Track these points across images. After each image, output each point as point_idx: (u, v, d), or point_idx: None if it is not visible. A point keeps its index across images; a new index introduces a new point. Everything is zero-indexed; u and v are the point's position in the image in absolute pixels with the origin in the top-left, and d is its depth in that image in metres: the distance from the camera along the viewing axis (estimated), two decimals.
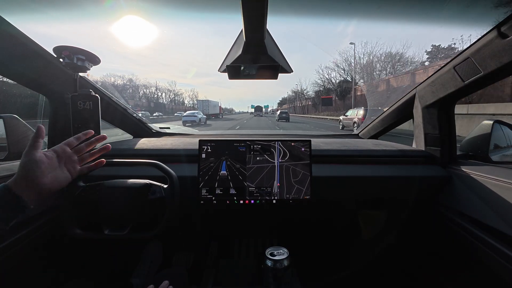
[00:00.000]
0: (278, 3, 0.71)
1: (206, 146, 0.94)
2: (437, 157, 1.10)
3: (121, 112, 1.33)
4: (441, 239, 1.07)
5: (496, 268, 0.78)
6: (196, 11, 0.89)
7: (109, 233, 0.80)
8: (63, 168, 0.60)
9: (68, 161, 0.61)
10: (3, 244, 0.74)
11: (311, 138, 1.04)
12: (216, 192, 0.93)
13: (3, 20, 0.75)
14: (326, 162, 1.08)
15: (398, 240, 1.27)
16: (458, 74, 0.90)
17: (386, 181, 1.06)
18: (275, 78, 0.89)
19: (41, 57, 0.88)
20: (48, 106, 1.05)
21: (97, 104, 0.98)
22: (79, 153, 0.63)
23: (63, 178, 0.59)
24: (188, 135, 1.62)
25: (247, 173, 0.94)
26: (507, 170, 0.90)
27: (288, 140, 0.97)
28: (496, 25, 0.74)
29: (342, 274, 1.26)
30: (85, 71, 0.96)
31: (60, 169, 0.59)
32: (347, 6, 0.82)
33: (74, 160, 0.63)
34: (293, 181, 0.94)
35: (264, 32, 0.67)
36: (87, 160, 0.66)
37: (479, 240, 0.84)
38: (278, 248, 0.85)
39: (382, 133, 1.51)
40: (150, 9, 0.92)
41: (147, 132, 1.55)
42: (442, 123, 1.07)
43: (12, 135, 0.98)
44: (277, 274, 0.80)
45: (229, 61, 0.81)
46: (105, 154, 1.13)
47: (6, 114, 0.99)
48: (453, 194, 0.99)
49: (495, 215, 0.81)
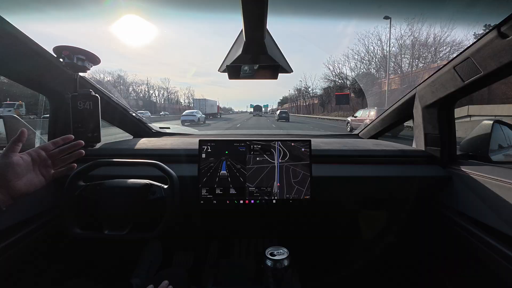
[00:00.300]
0: (278, 3, 0.72)
1: (206, 146, 0.94)
2: (437, 157, 1.10)
3: (121, 112, 1.33)
4: (441, 239, 1.07)
5: (496, 268, 0.78)
6: (196, 11, 0.89)
7: (109, 233, 0.80)
8: (37, 172, 0.61)
9: (42, 165, 0.62)
10: (3, 244, 0.75)
11: (311, 138, 1.04)
12: (216, 192, 0.93)
13: (3, 20, 0.75)
14: (326, 162, 1.08)
15: (398, 240, 1.27)
16: (458, 74, 0.90)
17: (386, 181, 1.06)
18: (275, 78, 0.89)
19: (41, 57, 0.88)
20: (49, 106, 1.05)
21: (97, 104, 0.98)
22: (53, 158, 0.64)
23: (37, 181, 0.60)
24: (188, 135, 1.62)
25: (247, 173, 0.94)
26: (507, 170, 0.90)
27: (288, 140, 0.97)
28: (496, 25, 0.74)
29: (342, 274, 1.26)
30: (85, 71, 0.96)
31: (34, 172, 0.60)
32: (348, 6, 0.82)
33: (48, 165, 0.63)
34: (293, 181, 0.94)
35: (264, 32, 0.67)
36: (59, 165, 0.66)
37: (479, 240, 0.84)
38: (278, 248, 0.85)
39: (382, 133, 1.51)
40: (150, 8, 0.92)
41: (147, 132, 1.55)
42: (442, 123, 1.07)
43: (12, 135, 0.98)
44: (277, 274, 0.80)
45: (229, 61, 0.81)
46: (105, 154, 1.13)
47: (6, 114, 0.99)
48: (453, 194, 0.99)
49: (495, 215, 0.81)
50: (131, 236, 0.79)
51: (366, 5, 0.84)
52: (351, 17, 0.87)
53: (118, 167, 0.96)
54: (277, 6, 0.69)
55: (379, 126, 1.47)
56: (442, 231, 1.05)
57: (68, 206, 0.79)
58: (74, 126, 0.97)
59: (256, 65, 0.82)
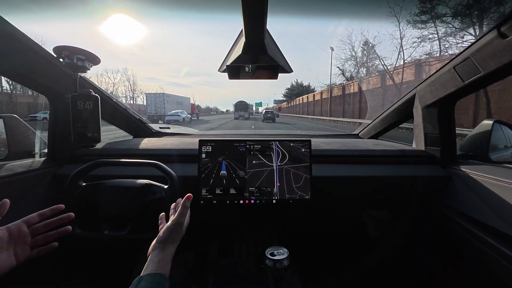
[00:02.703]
0: (278, 3, 0.72)
1: (206, 146, 0.94)
2: (437, 157, 1.10)
3: (121, 112, 1.33)
4: (441, 238, 1.07)
5: (496, 268, 0.78)
6: (195, 12, 0.89)
7: (109, 233, 0.80)
8: (10, 252, 0.50)
9: (20, 242, 0.51)
10: None
11: (311, 138, 1.04)
12: (216, 192, 0.93)
13: (3, 20, 0.75)
14: (326, 162, 1.08)
15: (398, 239, 1.27)
16: (458, 74, 0.90)
17: (386, 181, 1.06)
18: (275, 78, 0.89)
19: (41, 57, 0.88)
20: (48, 106, 1.05)
21: (97, 104, 0.98)
22: (35, 233, 0.54)
23: (6, 263, 0.49)
24: (188, 135, 1.62)
25: (247, 173, 0.94)
26: (507, 170, 0.90)
27: (287, 140, 0.96)
28: (496, 25, 0.74)
29: (342, 274, 1.26)
30: (85, 71, 0.96)
31: (7, 252, 0.49)
32: (348, 6, 0.82)
33: (27, 242, 0.53)
34: (293, 182, 0.94)
35: (264, 32, 0.67)
36: (40, 243, 0.55)
37: (479, 240, 0.84)
38: (278, 248, 0.85)
39: (382, 133, 1.51)
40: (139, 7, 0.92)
41: (147, 132, 1.55)
42: (442, 123, 1.07)
43: (12, 135, 0.98)
44: (277, 274, 0.80)
45: (229, 61, 0.81)
46: (105, 154, 1.13)
47: (6, 114, 0.99)
48: (453, 194, 0.99)
49: (495, 215, 0.81)
50: (130, 236, 0.79)
51: (366, 5, 0.84)
52: (351, 17, 0.87)
53: (118, 167, 0.96)
54: (277, 6, 0.69)
55: (379, 126, 1.47)
56: (442, 231, 1.05)
57: (68, 206, 0.79)
58: (74, 126, 0.97)
59: (256, 65, 0.82)
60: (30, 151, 1.06)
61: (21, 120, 1.03)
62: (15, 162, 0.97)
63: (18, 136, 1.01)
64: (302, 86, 52.95)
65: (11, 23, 0.76)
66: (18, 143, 1.00)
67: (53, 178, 1.01)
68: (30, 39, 0.82)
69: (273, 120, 23.57)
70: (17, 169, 0.91)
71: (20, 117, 1.02)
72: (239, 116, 30.28)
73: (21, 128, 1.03)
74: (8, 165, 0.93)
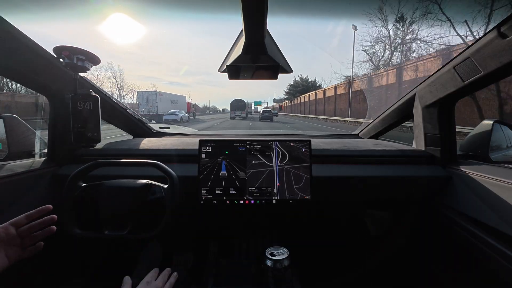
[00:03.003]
0: (278, 3, 0.72)
1: (206, 146, 0.94)
2: (437, 157, 1.10)
3: (121, 112, 1.33)
4: (441, 238, 1.07)
5: (496, 268, 0.78)
6: (195, 12, 0.89)
7: (109, 233, 0.80)
8: (1, 253, 0.53)
9: (9, 244, 0.54)
10: None
11: (311, 138, 1.04)
12: (216, 192, 0.93)
13: (3, 20, 0.75)
14: (326, 162, 1.08)
15: (398, 239, 1.27)
16: (458, 74, 0.90)
17: (386, 181, 1.06)
18: (275, 78, 0.89)
19: (41, 57, 0.88)
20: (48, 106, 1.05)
21: (97, 104, 0.98)
22: (23, 235, 0.57)
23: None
24: (188, 135, 1.62)
25: (247, 173, 0.94)
26: (507, 170, 0.90)
27: (287, 140, 0.96)
28: (496, 25, 0.74)
29: (342, 274, 1.26)
30: (85, 71, 0.96)
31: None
32: (348, 6, 0.82)
33: (16, 244, 0.55)
34: (293, 182, 0.94)
35: (264, 32, 0.67)
36: (27, 244, 0.58)
37: (479, 240, 0.84)
38: (278, 248, 0.85)
39: (382, 133, 1.51)
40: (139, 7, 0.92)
41: (147, 132, 1.55)
42: (442, 123, 1.07)
43: (12, 135, 0.98)
44: (277, 274, 0.80)
45: (229, 61, 0.80)
46: (105, 154, 1.13)
47: (6, 114, 0.99)
48: (453, 194, 0.99)
49: (495, 215, 0.81)
50: (130, 236, 0.79)
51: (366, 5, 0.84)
52: (351, 17, 0.87)
53: (118, 167, 0.96)
54: (277, 6, 0.69)
55: (379, 126, 1.47)
56: (442, 231, 1.05)
57: (68, 207, 0.79)
58: (74, 126, 0.96)
59: (256, 65, 0.82)
60: (30, 151, 1.06)
61: (21, 120, 1.03)
62: (15, 162, 0.97)
63: (18, 136, 1.01)
64: (308, 81, 46.39)
65: (11, 23, 0.76)
66: (18, 143, 1.01)
67: (53, 178, 1.01)
68: (30, 39, 0.82)
69: (270, 119, 24.25)
70: (17, 169, 0.91)
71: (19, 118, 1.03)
72: (236, 115, 28.54)
73: (21, 128, 1.03)
74: (8, 165, 0.93)
